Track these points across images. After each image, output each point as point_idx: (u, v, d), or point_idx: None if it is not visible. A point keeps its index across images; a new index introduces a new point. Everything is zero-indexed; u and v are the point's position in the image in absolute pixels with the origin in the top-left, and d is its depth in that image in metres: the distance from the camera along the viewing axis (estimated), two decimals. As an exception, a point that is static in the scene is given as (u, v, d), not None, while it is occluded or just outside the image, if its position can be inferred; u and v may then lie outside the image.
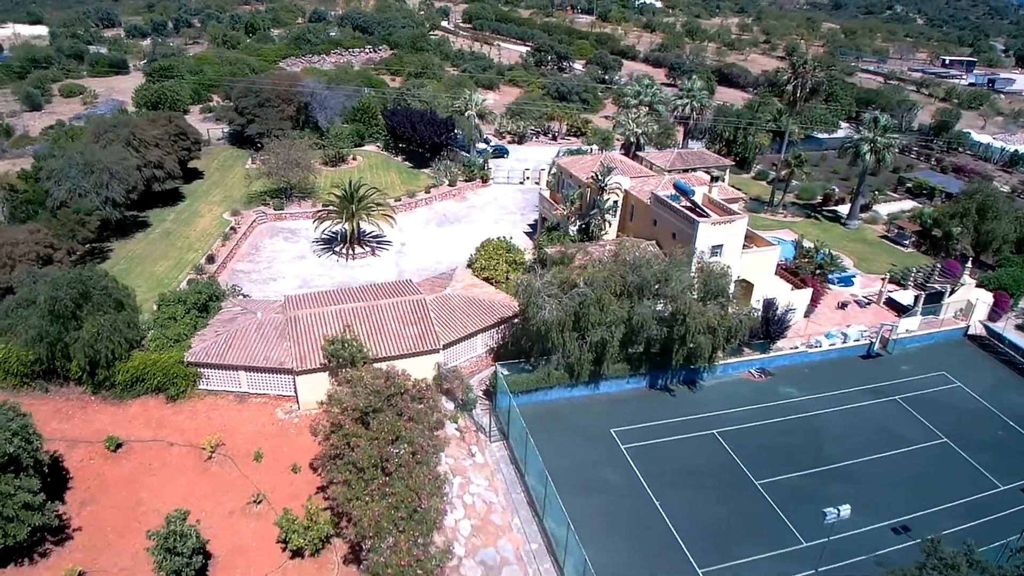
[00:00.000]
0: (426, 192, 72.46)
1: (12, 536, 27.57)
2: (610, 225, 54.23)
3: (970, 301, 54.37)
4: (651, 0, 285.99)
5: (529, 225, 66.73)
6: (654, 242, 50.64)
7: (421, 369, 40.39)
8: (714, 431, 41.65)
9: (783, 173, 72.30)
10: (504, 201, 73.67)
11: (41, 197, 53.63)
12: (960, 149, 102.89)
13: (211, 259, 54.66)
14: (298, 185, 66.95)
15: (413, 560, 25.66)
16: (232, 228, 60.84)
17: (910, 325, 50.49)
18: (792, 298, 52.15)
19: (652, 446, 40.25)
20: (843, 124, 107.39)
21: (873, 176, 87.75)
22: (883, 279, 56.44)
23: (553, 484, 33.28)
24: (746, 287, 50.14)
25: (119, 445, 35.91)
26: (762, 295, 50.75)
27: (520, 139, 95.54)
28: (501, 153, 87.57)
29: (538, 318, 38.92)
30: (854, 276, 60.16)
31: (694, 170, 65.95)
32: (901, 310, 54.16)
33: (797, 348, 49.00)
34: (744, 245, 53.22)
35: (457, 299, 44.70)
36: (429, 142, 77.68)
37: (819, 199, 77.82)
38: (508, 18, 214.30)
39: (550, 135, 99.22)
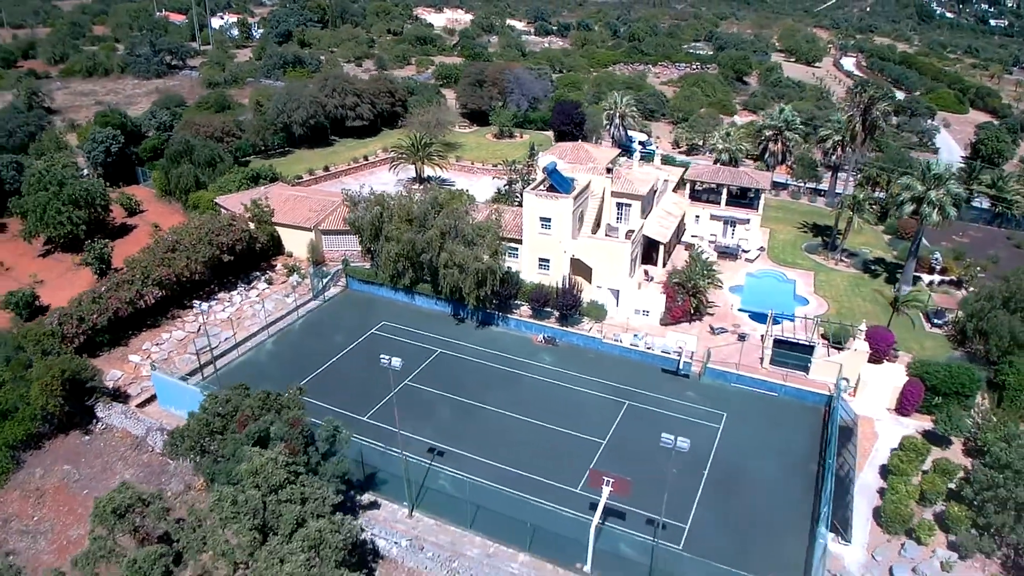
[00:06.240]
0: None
1: (59, 228, 57.55)
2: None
3: (860, 375, 45.71)
4: None
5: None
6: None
7: (300, 240, 59.49)
8: (440, 350, 50.08)
9: (838, 219, 63.78)
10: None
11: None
12: None
13: (327, 168, 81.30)
14: (436, 141, 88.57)
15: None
16: (365, 157, 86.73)
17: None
18: (642, 298, 52.83)
19: (387, 339, 51.52)
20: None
21: None
22: (769, 318, 50.58)
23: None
24: (585, 267, 53.45)
25: (156, 226, 64.74)
26: (604, 283, 53.40)
27: (690, 150, 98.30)
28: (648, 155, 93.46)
29: (350, 217, 53.88)
30: (790, 318, 53.67)
31: (721, 185, 65.62)
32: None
33: (595, 335, 50.72)
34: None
35: (362, 208, 61.26)
36: (558, 129, 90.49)
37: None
38: (910, 62, 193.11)
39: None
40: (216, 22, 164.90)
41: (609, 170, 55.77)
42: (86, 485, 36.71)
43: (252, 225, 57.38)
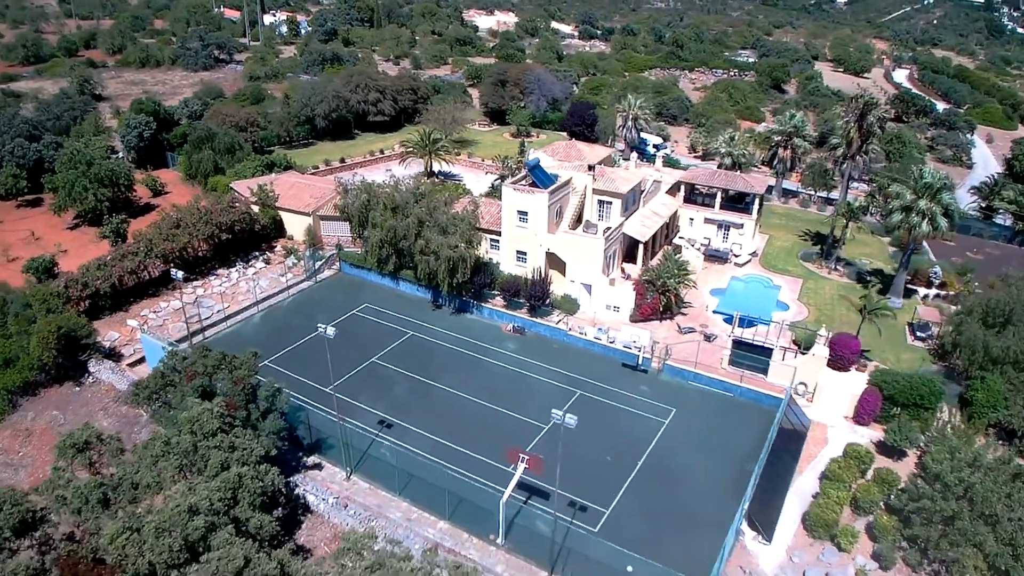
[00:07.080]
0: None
1: (84, 203, 62.84)
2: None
3: (817, 381, 46.28)
4: None
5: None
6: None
7: (300, 224, 63.16)
8: (412, 333, 52.77)
9: (834, 227, 63.64)
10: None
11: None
12: None
13: (342, 160, 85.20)
14: (446, 138, 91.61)
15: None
16: (381, 151, 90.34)
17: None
18: (613, 294, 54.31)
19: (365, 319, 54.59)
20: None
21: None
22: (735, 319, 51.29)
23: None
24: (561, 261, 55.25)
25: (174, 206, 69.50)
26: (577, 277, 55.13)
27: (704, 156, 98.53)
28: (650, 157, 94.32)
29: (341, 203, 57.12)
30: (767, 322, 54.21)
31: (715, 189, 66.43)
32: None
33: (561, 326, 52.44)
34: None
35: (360, 197, 64.54)
36: (569, 129, 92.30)
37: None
38: (964, 76, 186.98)
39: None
40: (268, 19, 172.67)
41: (591, 168, 57.41)
42: (69, 429, 40.68)
43: (255, 208, 61.31)
